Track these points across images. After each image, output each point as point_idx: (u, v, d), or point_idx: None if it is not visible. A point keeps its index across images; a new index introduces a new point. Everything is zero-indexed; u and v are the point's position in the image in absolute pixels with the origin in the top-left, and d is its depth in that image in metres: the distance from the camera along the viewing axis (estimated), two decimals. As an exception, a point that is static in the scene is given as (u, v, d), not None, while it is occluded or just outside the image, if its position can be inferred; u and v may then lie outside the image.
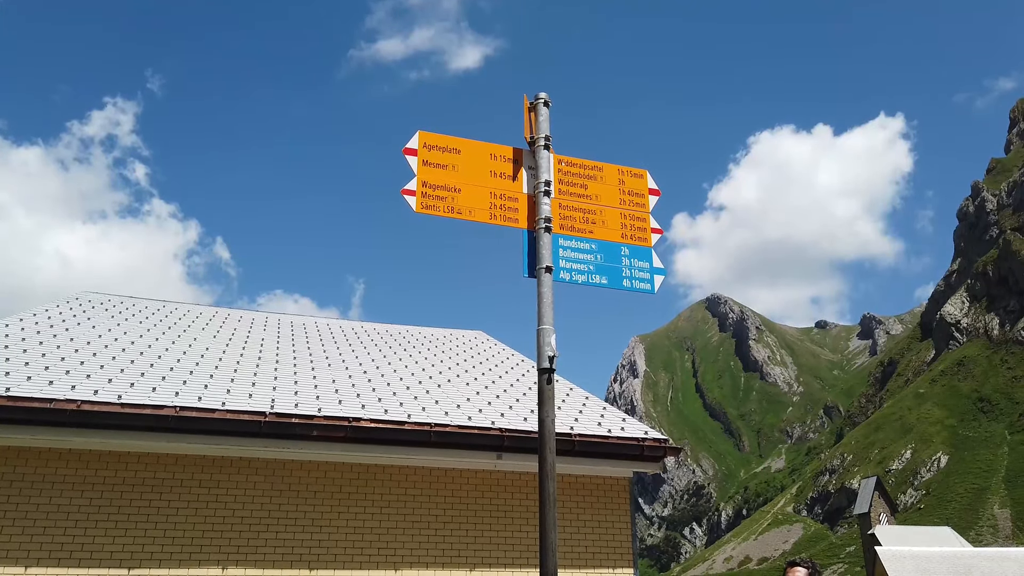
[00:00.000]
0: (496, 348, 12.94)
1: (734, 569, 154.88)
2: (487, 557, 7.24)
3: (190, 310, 12.69)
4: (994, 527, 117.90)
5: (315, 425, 6.79)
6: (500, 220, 3.81)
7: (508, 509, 7.47)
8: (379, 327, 13.81)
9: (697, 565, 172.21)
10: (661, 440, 7.78)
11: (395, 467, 7.27)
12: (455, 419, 7.40)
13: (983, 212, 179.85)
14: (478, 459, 7.38)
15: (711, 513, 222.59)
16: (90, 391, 6.57)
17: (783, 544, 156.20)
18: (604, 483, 7.82)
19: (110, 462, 6.56)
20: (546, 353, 3.42)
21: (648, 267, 4.00)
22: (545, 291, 3.56)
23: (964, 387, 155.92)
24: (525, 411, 8.14)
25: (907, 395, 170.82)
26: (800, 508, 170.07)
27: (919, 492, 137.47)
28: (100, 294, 12.49)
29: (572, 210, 3.99)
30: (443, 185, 3.78)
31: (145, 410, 6.41)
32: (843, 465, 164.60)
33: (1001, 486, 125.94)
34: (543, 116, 3.95)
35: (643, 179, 4.22)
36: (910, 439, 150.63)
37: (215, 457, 6.81)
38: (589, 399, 9.25)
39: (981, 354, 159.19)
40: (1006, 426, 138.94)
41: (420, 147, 3.81)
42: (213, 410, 6.60)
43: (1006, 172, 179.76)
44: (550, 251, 3.71)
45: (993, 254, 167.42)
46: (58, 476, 6.41)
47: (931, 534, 74.99)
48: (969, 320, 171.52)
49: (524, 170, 3.94)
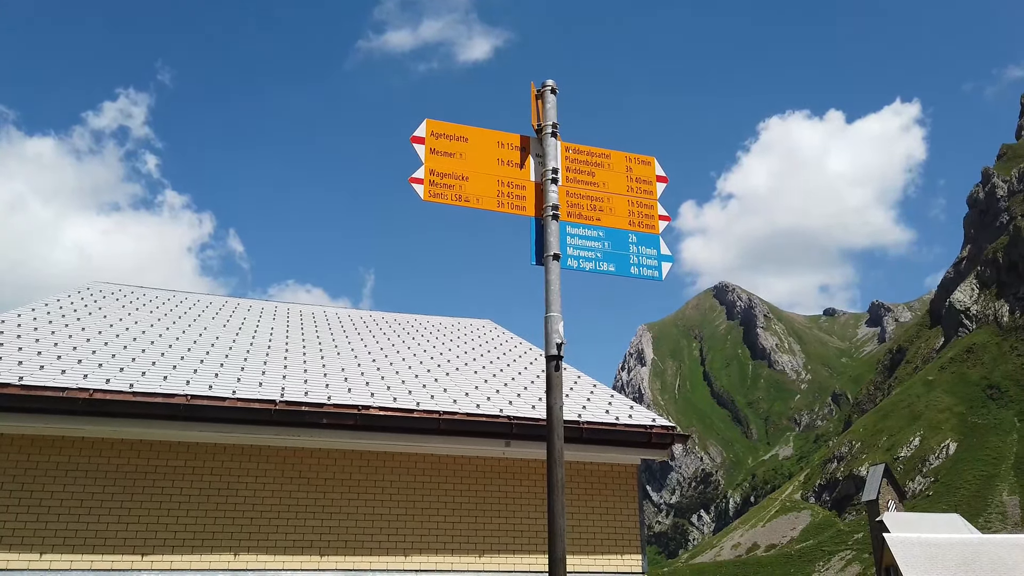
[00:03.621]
0: (504, 336, 12.97)
1: (742, 556, 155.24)
2: (496, 543, 7.29)
3: (200, 299, 12.76)
4: (1003, 514, 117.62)
5: (325, 413, 6.84)
6: (508, 208, 3.82)
7: (516, 496, 7.51)
8: (388, 316, 13.85)
9: (705, 552, 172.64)
10: (669, 427, 7.80)
11: (404, 455, 7.32)
12: (464, 407, 7.44)
13: (993, 199, 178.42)
14: (487, 447, 7.42)
15: (719, 500, 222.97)
16: (102, 380, 6.63)
17: (791, 531, 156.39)
18: (612, 470, 7.85)
19: (122, 450, 6.63)
20: (554, 340, 3.44)
21: (656, 254, 4.00)
22: (553, 279, 3.57)
23: (973, 374, 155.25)
24: (533, 399, 8.17)
25: (916, 382, 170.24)
26: (808, 495, 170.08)
27: (927, 479, 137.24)
28: (111, 284, 12.57)
29: (580, 198, 3.99)
30: (451, 173, 3.78)
31: (156, 399, 6.47)
32: (851, 452, 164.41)
33: (1010, 473, 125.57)
34: (550, 103, 3.95)
35: (651, 166, 4.21)
36: (918, 426, 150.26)
37: (226, 445, 6.87)
38: (597, 387, 9.27)
39: (991, 341, 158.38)
40: (1015, 413, 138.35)
41: (428, 135, 3.82)
42: (224, 398, 6.65)
43: (1017, 158, 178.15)
44: (558, 239, 3.71)
45: (1003, 241, 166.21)
46: (71, 464, 6.49)
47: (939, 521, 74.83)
48: (979, 307, 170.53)
49: (531, 158, 3.94)
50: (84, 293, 11.26)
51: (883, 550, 62.42)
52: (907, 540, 60.71)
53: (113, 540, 6.36)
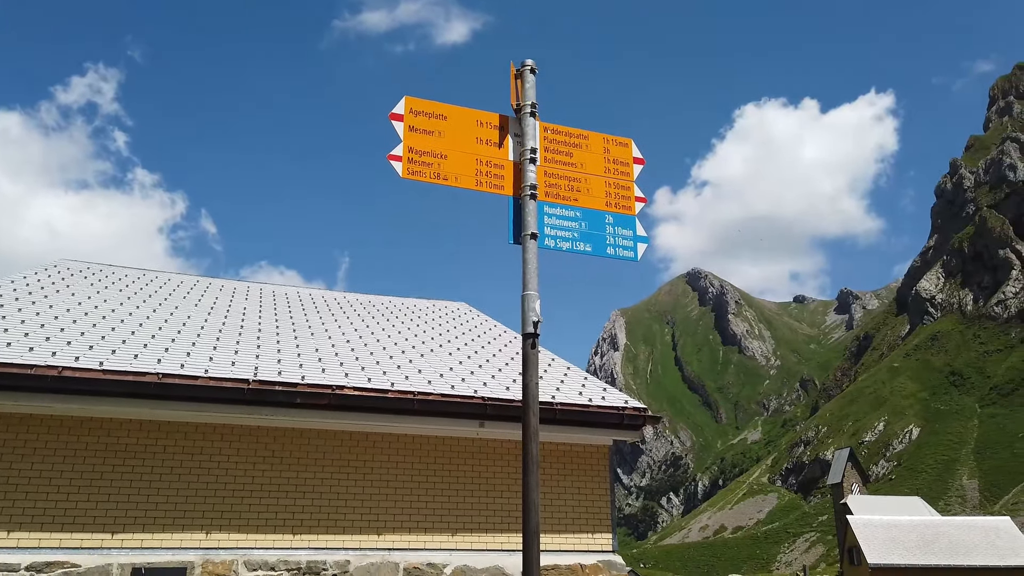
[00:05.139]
0: (479, 319, 12.99)
1: (709, 538, 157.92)
2: (468, 522, 7.35)
3: (171, 279, 12.59)
4: (963, 497, 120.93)
5: (298, 392, 6.82)
6: (486, 187, 3.83)
7: (490, 476, 7.57)
8: (362, 298, 13.79)
9: (673, 534, 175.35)
10: (640, 409, 7.90)
11: (378, 434, 7.33)
12: (438, 388, 7.46)
13: (960, 189, 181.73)
14: (461, 427, 7.46)
15: (688, 483, 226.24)
16: (71, 357, 6.54)
17: (757, 513, 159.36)
18: (584, 451, 7.94)
19: (92, 428, 6.56)
20: (531, 318, 3.47)
21: (632, 235, 4.05)
22: (530, 257, 3.59)
23: (937, 361, 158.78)
24: (508, 380, 8.21)
25: (881, 369, 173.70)
26: (775, 478, 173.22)
27: (891, 463, 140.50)
28: (79, 262, 12.34)
29: (557, 178, 4.01)
30: (429, 151, 3.77)
31: (127, 377, 6.40)
32: (817, 437, 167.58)
33: (970, 457, 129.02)
34: (529, 83, 3.95)
35: (628, 148, 4.24)
36: (883, 412, 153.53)
37: (198, 424, 6.83)
38: (571, 369, 9.34)
39: (954, 329, 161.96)
40: (977, 399, 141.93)
41: (406, 112, 3.80)
42: (196, 377, 6.60)
43: (984, 150, 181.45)
44: (535, 218, 3.73)
45: (969, 231, 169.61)
46: (40, 442, 6.41)
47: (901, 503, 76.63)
48: (944, 296, 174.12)
49: (510, 137, 3.95)
50: (52, 270, 11.05)
51: (846, 531, 63.90)
52: (869, 522, 62.22)
53: (83, 518, 6.31)
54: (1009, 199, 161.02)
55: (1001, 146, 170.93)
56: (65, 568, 6.05)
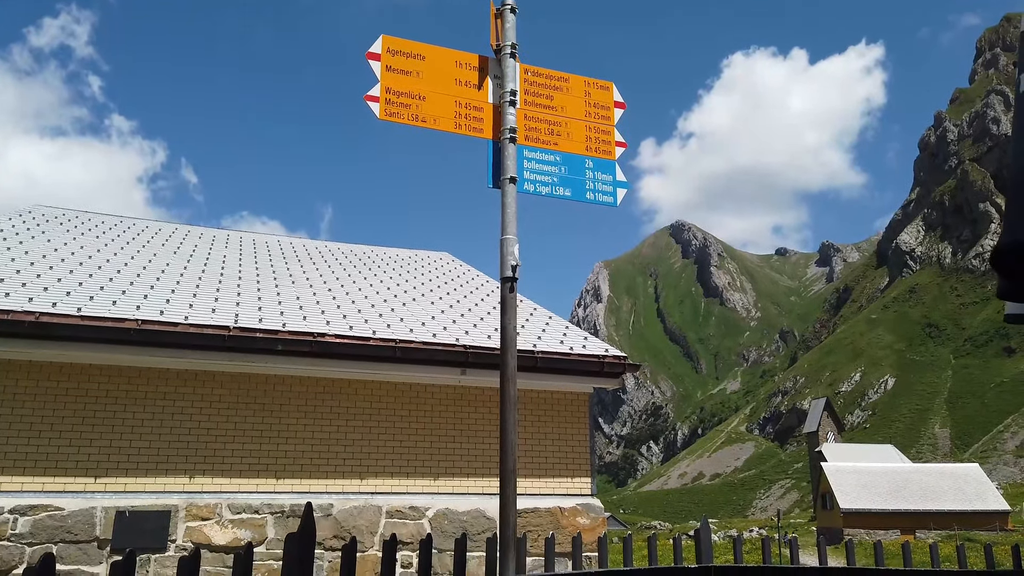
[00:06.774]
0: (461, 269, 12.98)
1: (688, 484, 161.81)
2: (450, 467, 7.47)
3: (149, 226, 12.42)
4: (934, 445, 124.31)
5: (280, 340, 6.82)
6: (465, 130, 3.77)
7: (471, 423, 7.67)
8: (344, 247, 13.70)
9: (653, 481, 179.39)
10: (621, 357, 7.98)
11: (360, 381, 7.37)
12: (420, 336, 7.49)
13: (944, 142, 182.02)
14: (442, 374, 7.51)
15: (668, 432, 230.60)
16: (48, 303, 6.48)
17: (735, 461, 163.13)
18: (565, 398, 8.05)
19: (72, 374, 6.54)
20: (509, 262, 3.46)
21: (612, 180, 4.02)
22: (509, 201, 3.57)
23: (914, 313, 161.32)
24: (489, 329, 8.25)
25: (859, 321, 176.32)
26: (752, 427, 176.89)
27: (866, 412, 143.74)
28: (54, 208, 12.13)
29: (537, 121, 3.96)
30: (407, 92, 3.70)
31: (106, 323, 6.36)
32: (795, 387, 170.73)
33: (943, 407, 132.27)
34: (510, 23, 3.87)
35: (609, 91, 4.19)
36: (860, 362, 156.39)
37: (179, 371, 6.83)
38: (552, 319, 9.39)
39: (932, 281, 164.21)
40: (951, 351, 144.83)
41: (384, 52, 3.72)
42: (176, 323, 6.57)
43: (969, 103, 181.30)
44: (515, 162, 3.69)
45: (950, 184, 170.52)
46: (19, 387, 6.38)
47: (874, 451, 78.64)
48: (923, 248, 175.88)
49: (490, 79, 3.88)
50: (26, 216, 10.87)
51: (820, 478, 65.70)
52: (842, 468, 63.98)
53: (65, 463, 6.33)
54: (991, 152, 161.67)
55: (986, 99, 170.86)
56: (49, 511, 6.10)
